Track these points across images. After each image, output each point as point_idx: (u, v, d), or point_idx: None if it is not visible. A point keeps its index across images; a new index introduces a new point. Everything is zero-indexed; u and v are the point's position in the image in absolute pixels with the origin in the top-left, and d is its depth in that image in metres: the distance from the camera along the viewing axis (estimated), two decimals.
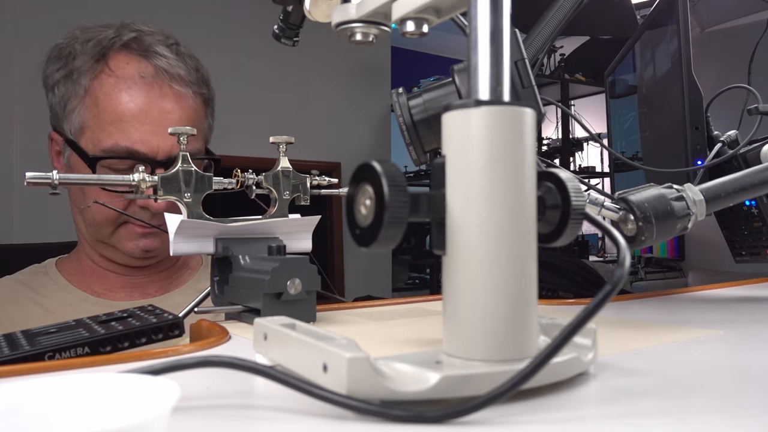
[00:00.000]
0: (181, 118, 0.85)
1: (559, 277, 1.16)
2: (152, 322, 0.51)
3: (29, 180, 0.54)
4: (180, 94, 0.85)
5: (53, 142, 0.89)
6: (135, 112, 0.81)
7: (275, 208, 0.65)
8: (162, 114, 0.83)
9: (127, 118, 0.81)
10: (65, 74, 0.84)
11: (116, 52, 0.85)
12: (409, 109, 0.53)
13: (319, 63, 2.50)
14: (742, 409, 0.32)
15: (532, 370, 0.30)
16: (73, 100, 0.84)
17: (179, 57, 0.87)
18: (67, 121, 0.85)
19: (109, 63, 0.84)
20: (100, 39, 0.85)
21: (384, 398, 0.30)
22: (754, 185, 0.62)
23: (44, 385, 0.27)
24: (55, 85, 0.86)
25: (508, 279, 0.32)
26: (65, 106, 0.85)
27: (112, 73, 0.83)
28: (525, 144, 0.33)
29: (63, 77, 0.85)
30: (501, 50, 0.34)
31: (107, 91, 0.82)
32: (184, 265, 0.96)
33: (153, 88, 0.83)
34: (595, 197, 0.57)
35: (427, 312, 0.64)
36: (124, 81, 0.83)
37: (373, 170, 0.31)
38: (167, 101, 0.84)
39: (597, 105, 3.61)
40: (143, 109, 0.82)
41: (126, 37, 0.85)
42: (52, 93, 0.87)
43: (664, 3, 0.99)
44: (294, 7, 0.63)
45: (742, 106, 0.90)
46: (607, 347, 0.44)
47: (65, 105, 0.85)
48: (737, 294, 0.80)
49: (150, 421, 0.22)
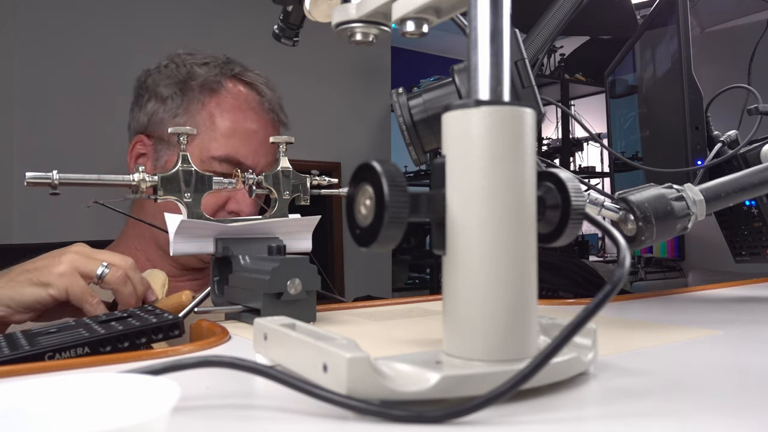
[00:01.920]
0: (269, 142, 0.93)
1: (559, 277, 1.16)
2: (152, 322, 0.51)
3: (29, 180, 0.54)
4: (272, 122, 1.00)
5: (138, 144, 0.97)
6: (246, 131, 0.95)
7: (275, 208, 0.65)
8: (265, 137, 0.96)
9: (239, 134, 0.94)
10: (180, 89, 0.95)
11: (230, 79, 0.98)
12: (409, 109, 0.53)
13: (319, 63, 2.50)
14: (742, 409, 0.32)
15: (532, 370, 0.30)
16: (184, 115, 0.95)
17: (274, 93, 1.01)
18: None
19: (226, 85, 0.97)
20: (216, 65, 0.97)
21: (384, 398, 0.30)
22: (754, 185, 0.62)
23: (44, 385, 0.27)
24: (168, 97, 0.95)
25: (508, 279, 0.32)
26: (174, 116, 0.95)
27: (228, 95, 0.96)
28: (525, 144, 0.33)
29: (177, 91, 0.95)
30: (501, 50, 0.34)
31: (225, 109, 0.95)
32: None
33: (261, 114, 0.98)
34: (595, 197, 0.57)
35: (427, 312, 0.64)
36: (239, 103, 0.96)
37: (373, 170, 0.31)
38: (265, 126, 0.98)
39: (597, 105, 3.60)
40: (252, 130, 0.95)
41: (237, 69, 0.99)
42: (162, 104, 0.95)
43: (664, 3, 0.99)
44: (294, 7, 0.63)
45: (742, 106, 0.90)
46: (607, 347, 0.44)
47: (174, 116, 0.95)
48: (737, 294, 0.80)
49: (150, 421, 0.22)
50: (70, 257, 0.63)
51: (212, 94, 0.95)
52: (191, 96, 0.95)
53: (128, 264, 0.64)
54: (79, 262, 0.62)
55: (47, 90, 1.80)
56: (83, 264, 0.62)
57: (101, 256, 0.64)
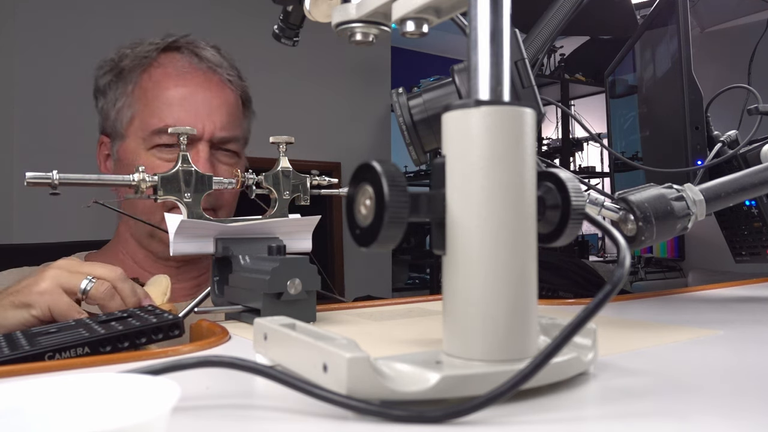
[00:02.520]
0: (222, 104, 0.90)
1: (559, 277, 1.16)
2: (152, 322, 0.51)
3: (29, 180, 0.54)
4: (221, 80, 0.92)
5: (102, 146, 0.95)
6: (183, 95, 0.88)
7: (275, 208, 0.65)
8: (206, 97, 0.89)
9: (176, 101, 0.88)
10: (114, 75, 0.92)
11: (163, 51, 0.92)
12: (409, 109, 0.53)
13: (319, 63, 2.50)
14: (742, 409, 0.32)
15: (532, 370, 0.30)
16: (122, 98, 0.90)
17: (220, 53, 0.94)
18: (118, 119, 0.91)
19: (157, 58, 0.91)
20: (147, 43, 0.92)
21: (384, 398, 0.30)
22: (754, 185, 0.62)
23: (44, 385, 0.27)
24: (106, 88, 0.92)
25: (508, 279, 0.32)
26: (115, 104, 0.91)
27: (159, 65, 0.91)
28: (525, 144, 0.33)
29: (113, 78, 0.92)
30: (501, 50, 0.34)
31: (156, 80, 0.89)
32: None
33: (198, 74, 0.90)
34: (595, 197, 0.57)
35: (427, 312, 0.64)
36: (172, 69, 0.90)
37: (373, 170, 0.31)
38: (211, 86, 0.90)
39: (597, 105, 3.60)
40: (190, 93, 0.89)
41: (172, 39, 0.93)
42: (103, 98, 0.93)
43: (664, 3, 0.99)
44: (294, 7, 0.63)
45: (742, 106, 0.90)
46: (607, 347, 0.44)
47: (115, 104, 0.91)
48: (737, 294, 0.80)
49: (150, 421, 0.22)
50: (52, 273, 0.60)
51: (144, 69, 0.91)
52: (124, 78, 0.91)
53: (115, 275, 0.60)
54: (62, 278, 0.59)
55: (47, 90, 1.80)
56: (66, 280, 0.59)
57: (86, 269, 0.61)
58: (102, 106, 0.94)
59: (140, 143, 0.88)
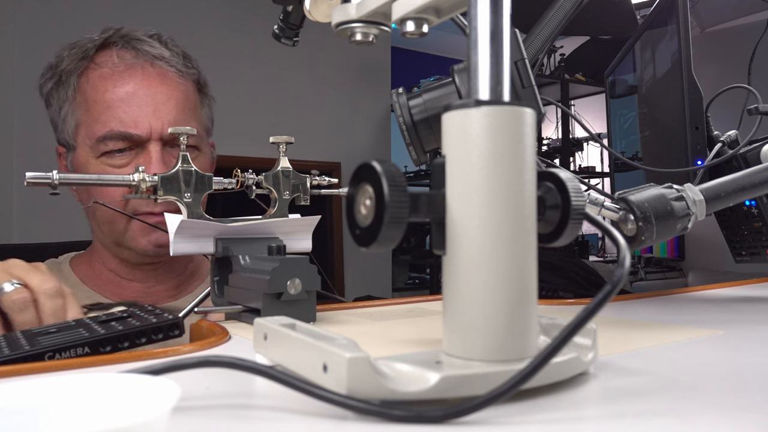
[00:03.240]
0: (169, 98, 0.85)
1: (559, 277, 1.16)
2: (152, 322, 0.51)
3: (29, 180, 0.54)
4: (165, 72, 0.86)
5: (60, 157, 0.90)
6: (123, 96, 0.82)
7: (275, 208, 0.65)
8: (149, 94, 0.83)
9: (116, 103, 0.82)
10: (55, 81, 0.86)
11: (100, 49, 0.86)
12: (409, 109, 0.53)
13: (319, 63, 2.50)
14: (742, 409, 0.32)
15: (532, 370, 0.30)
16: (65, 105, 0.85)
17: (161, 42, 0.88)
18: (65, 127, 0.86)
19: (94, 59, 0.85)
20: (84, 42, 0.86)
21: (384, 398, 0.30)
22: (754, 185, 0.62)
23: (44, 385, 0.27)
24: (49, 95, 0.87)
25: (508, 279, 0.32)
26: (60, 113, 0.86)
27: (96, 66, 0.85)
28: (525, 144, 0.33)
29: (54, 85, 0.86)
30: (501, 50, 0.34)
31: (94, 83, 0.84)
32: (195, 273, 0.95)
33: (136, 69, 0.84)
34: (595, 197, 0.57)
35: (427, 312, 0.64)
36: (109, 68, 0.84)
37: (373, 170, 0.31)
38: (153, 80, 0.84)
39: (597, 105, 3.60)
40: (130, 92, 0.82)
41: (107, 34, 0.86)
42: (49, 105, 0.88)
43: (664, 3, 0.99)
44: (294, 7, 0.63)
45: (742, 106, 0.90)
46: (607, 347, 0.44)
47: (60, 112, 0.86)
48: (737, 294, 0.80)
49: (150, 421, 0.22)
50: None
51: (81, 72, 0.85)
52: (64, 84, 0.85)
53: (45, 288, 0.57)
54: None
55: None
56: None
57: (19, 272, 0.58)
58: (51, 116, 0.89)
59: (89, 152, 0.83)
